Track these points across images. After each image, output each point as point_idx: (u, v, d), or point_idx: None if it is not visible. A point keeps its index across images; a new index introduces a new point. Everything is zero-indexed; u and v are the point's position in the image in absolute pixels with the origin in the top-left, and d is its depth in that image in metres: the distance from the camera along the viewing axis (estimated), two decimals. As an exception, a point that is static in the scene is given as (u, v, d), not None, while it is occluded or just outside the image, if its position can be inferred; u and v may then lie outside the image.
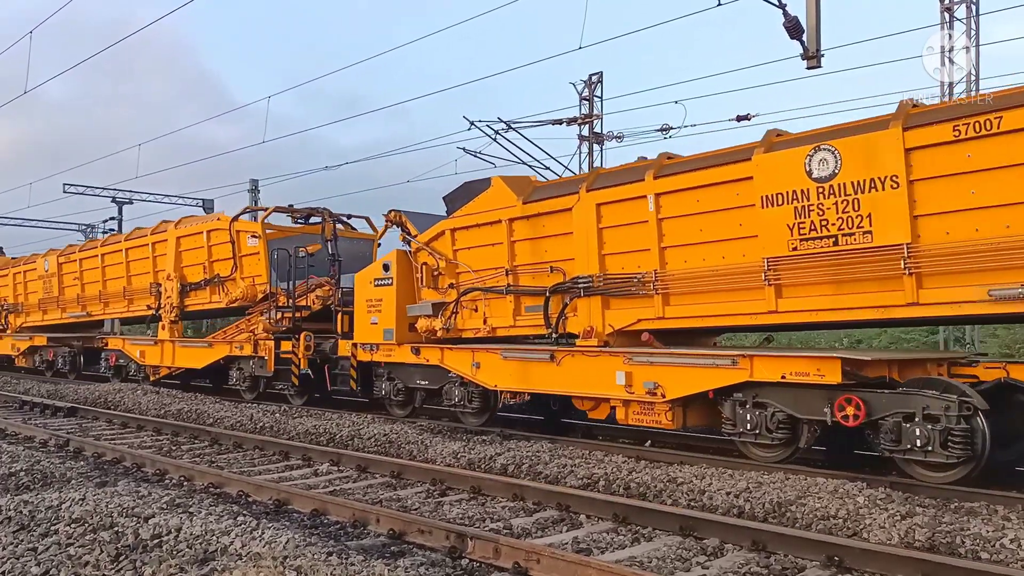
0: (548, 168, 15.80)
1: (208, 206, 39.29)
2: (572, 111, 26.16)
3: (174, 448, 11.02)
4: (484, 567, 5.56)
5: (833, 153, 8.52)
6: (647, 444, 10.51)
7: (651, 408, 9.78)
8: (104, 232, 41.73)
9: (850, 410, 8.09)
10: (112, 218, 40.79)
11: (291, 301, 15.19)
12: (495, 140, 15.24)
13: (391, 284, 13.09)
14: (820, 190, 8.58)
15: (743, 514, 6.89)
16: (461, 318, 12.35)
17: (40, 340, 23.54)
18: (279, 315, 15.34)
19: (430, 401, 13.20)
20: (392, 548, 5.98)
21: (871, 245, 8.32)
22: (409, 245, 12.99)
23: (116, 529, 5.76)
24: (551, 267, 11.12)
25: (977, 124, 7.65)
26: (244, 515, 6.26)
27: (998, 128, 7.54)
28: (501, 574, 5.42)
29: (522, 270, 11.56)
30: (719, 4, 12.05)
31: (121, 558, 5.18)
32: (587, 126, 26.25)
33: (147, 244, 19.34)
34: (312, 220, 16.41)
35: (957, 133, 7.76)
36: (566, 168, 19.96)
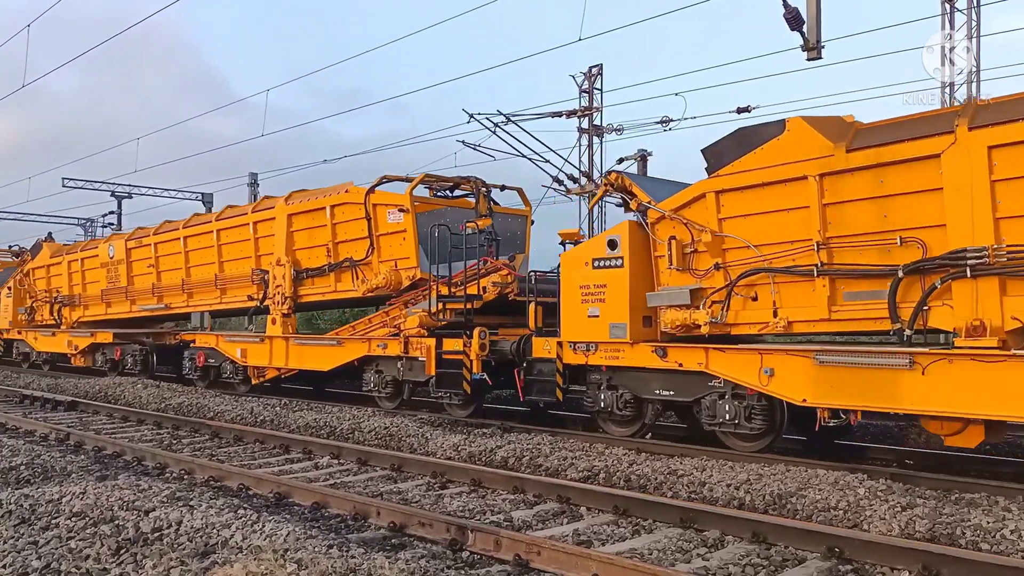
0: (548, 161, 15.80)
1: (208, 200, 39.26)
2: (572, 103, 26.14)
3: (174, 442, 11.03)
4: (485, 559, 5.56)
5: None
6: (647, 437, 10.49)
7: None
8: (104, 227, 41.70)
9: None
10: (111, 212, 40.78)
11: (459, 289, 11.99)
12: (494, 133, 15.24)
13: (621, 266, 10.09)
14: None
15: (744, 506, 6.90)
16: (734, 309, 9.40)
17: (104, 336, 20.24)
18: (439, 306, 12.16)
19: (666, 417, 11.17)
20: (393, 541, 5.98)
21: None
22: (645, 216, 10.07)
23: (117, 522, 5.77)
24: (900, 238, 8.10)
25: None
26: (245, 508, 6.26)
27: None
28: (502, 566, 5.42)
29: (841, 243, 8.51)
30: (719, -5, 12.02)
31: (122, 551, 5.19)
32: (587, 118, 26.20)
33: (247, 224, 16.13)
34: (457, 193, 13.87)
35: None
36: (566, 160, 19.95)
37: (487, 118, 15.45)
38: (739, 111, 21.04)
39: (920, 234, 8.05)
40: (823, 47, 10.80)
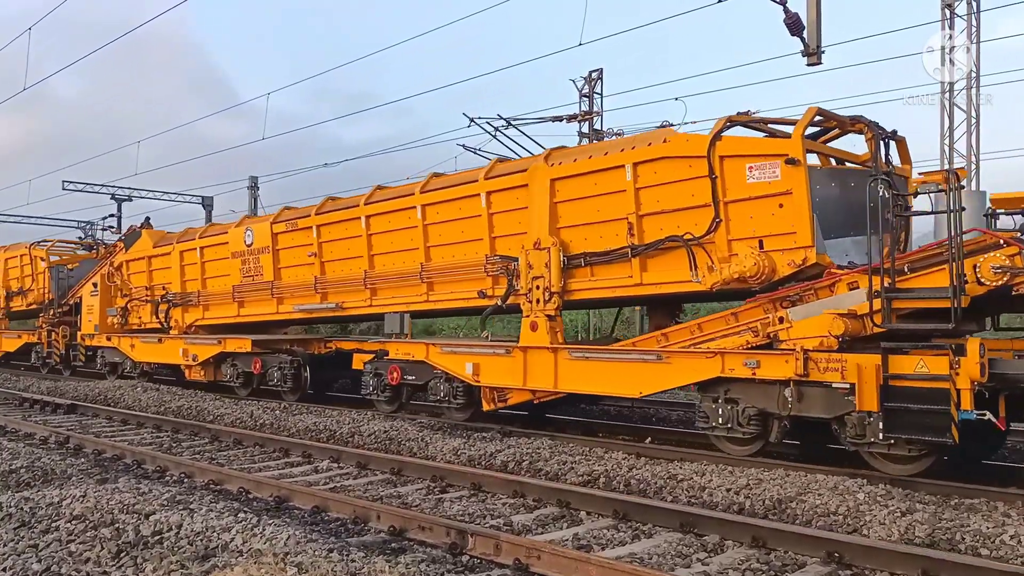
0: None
1: (208, 203, 39.28)
2: (572, 108, 26.17)
3: (174, 445, 11.03)
4: (485, 563, 5.57)
5: None
6: (647, 441, 10.50)
7: None
8: (104, 230, 41.67)
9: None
10: (112, 215, 40.76)
11: (912, 278, 7.92)
12: (495, 137, 15.23)
13: None
14: None
15: (743, 510, 6.90)
16: None
17: (237, 344, 15.98)
18: (881, 303, 7.85)
19: None
20: (393, 544, 5.98)
21: None
22: None
23: (117, 526, 5.77)
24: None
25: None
26: (245, 512, 6.27)
27: None
28: (502, 570, 5.42)
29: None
30: (719, 1, 12.06)
31: (122, 555, 5.19)
32: (587, 123, 26.24)
33: (474, 196, 11.91)
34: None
35: None
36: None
37: (488, 122, 15.46)
38: (739, 115, 21.01)
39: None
40: (823, 52, 10.82)
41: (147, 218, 21.41)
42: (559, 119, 24.87)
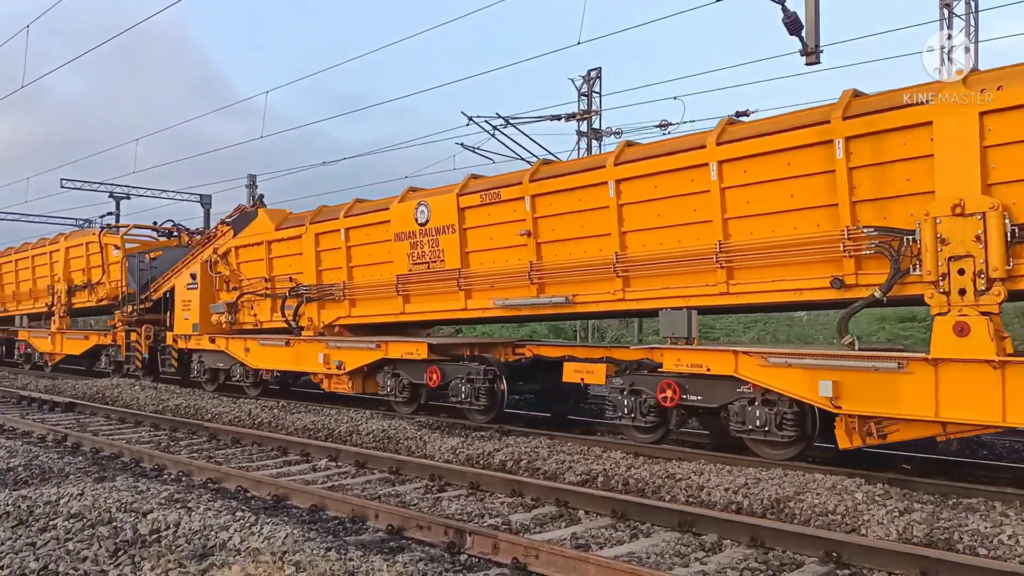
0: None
1: (206, 201, 39.23)
2: (571, 107, 26.17)
3: (172, 443, 11.02)
4: (483, 562, 5.56)
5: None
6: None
7: None
8: (103, 228, 41.60)
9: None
10: (110, 213, 40.72)
11: None
12: (493, 136, 15.23)
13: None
14: None
15: (741, 510, 6.90)
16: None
17: (408, 349, 12.57)
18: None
19: None
20: (391, 543, 5.98)
21: None
22: None
23: (114, 524, 5.77)
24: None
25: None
26: (243, 510, 6.27)
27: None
28: (500, 570, 5.42)
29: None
30: (717, 0, 12.05)
31: (120, 553, 5.18)
32: (586, 122, 26.24)
33: (822, 143, 8.45)
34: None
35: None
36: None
37: (486, 121, 15.46)
38: (738, 115, 21.03)
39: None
40: (822, 51, 10.81)
41: (261, 195, 17.95)
42: (557, 118, 24.87)
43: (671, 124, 23.17)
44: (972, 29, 19.32)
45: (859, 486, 7.13)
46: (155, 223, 21.62)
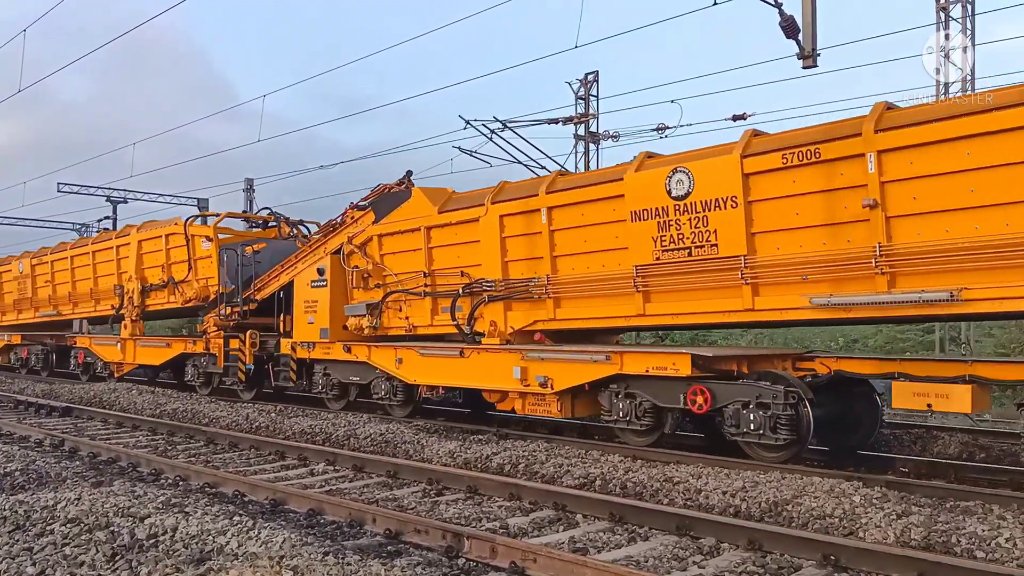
0: (544, 168, 15.73)
1: (203, 205, 39.23)
2: (568, 110, 26.18)
3: (170, 448, 11.00)
4: (481, 566, 5.56)
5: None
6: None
7: None
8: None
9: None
10: (107, 217, 40.72)
11: None
12: (491, 139, 15.23)
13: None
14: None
15: (739, 513, 6.90)
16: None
17: (655, 363, 9.70)
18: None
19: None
20: (388, 548, 5.97)
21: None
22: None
23: (112, 529, 5.76)
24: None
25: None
26: (240, 515, 6.26)
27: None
28: (498, 573, 5.42)
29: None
30: (715, 3, 12.08)
31: (117, 558, 5.18)
32: (583, 125, 26.26)
33: None
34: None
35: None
36: (562, 167, 20.08)
37: (484, 124, 15.46)
38: (735, 119, 21.10)
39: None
40: (819, 55, 10.81)
41: (409, 172, 14.28)
42: (555, 121, 24.86)
43: (668, 127, 23.22)
44: (969, 32, 19.37)
45: (857, 489, 7.13)
46: (245, 211, 19.13)
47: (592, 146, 26.32)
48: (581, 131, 26.33)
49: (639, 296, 10.14)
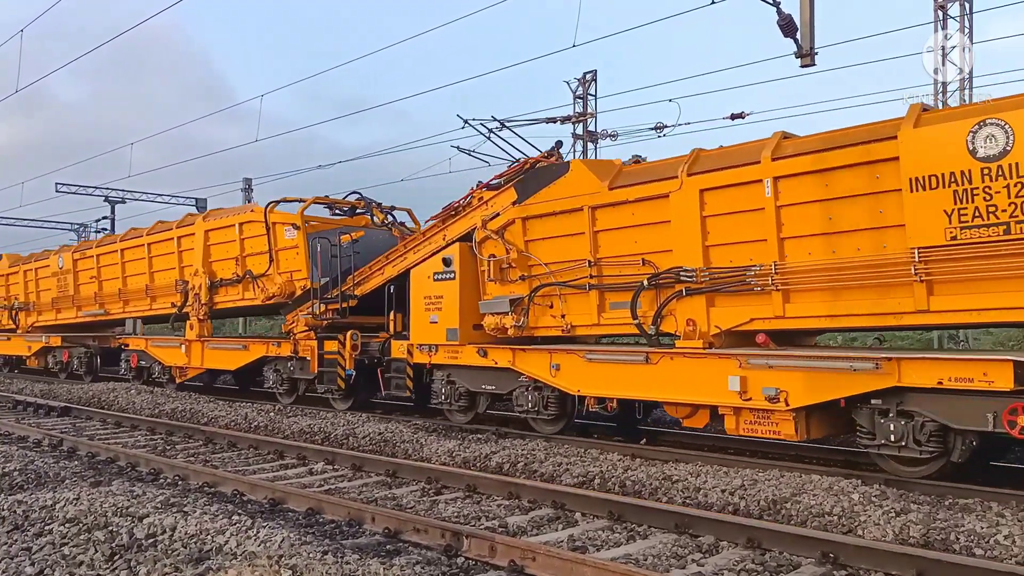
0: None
1: (202, 205, 39.24)
2: (566, 109, 26.23)
3: (168, 447, 11.00)
4: (480, 565, 5.56)
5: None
6: (642, 442, 10.50)
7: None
8: (97, 232, 41.57)
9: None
10: (105, 217, 40.75)
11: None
12: (488, 139, 15.21)
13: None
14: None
15: (738, 511, 6.90)
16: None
17: (981, 372, 7.36)
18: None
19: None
20: (388, 547, 5.97)
21: None
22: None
23: (110, 529, 5.75)
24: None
25: None
26: (239, 514, 6.25)
27: None
28: (497, 572, 5.41)
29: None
30: (712, 2, 12.08)
31: (116, 558, 5.17)
32: (581, 124, 26.29)
33: None
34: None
35: None
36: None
37: (482, 124, 15.44)
38: (732, 117, 21.15)
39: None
40: (816, 53, 10.82)
41: (559, 142, 12.61)
42: (553, 120, 24.91)
43: (667, 126, 23.25)
44: (967, 31, 19.38)
45: (856, 487, 7.14)
46: (326, 196, 16.03)
47: (590, 145, 26.35)
48: (579, 130, 26.36)
49: (920, 287, 7.93)
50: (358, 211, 15.87)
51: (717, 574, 5.37)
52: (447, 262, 12.01)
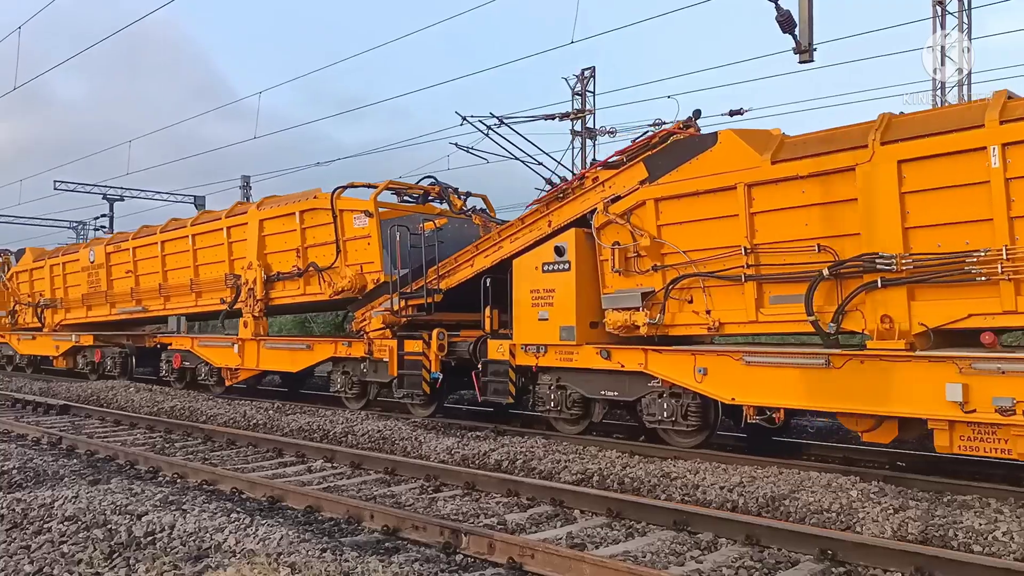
0: (541, 164, 15.59)
1: (200, 203, 39.24)
2: (565, 106, 26.22)
3: (167, 445, 10.99)
4: (478, 563, 5.56)
5: None
6: (641, 439, 10.49)
7: None
8: (96, 230, 41.59)
9: None
10: (104, 215, 40.73)
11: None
12: (487, 136, 15.19)
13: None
14: None
15: (737, 508, 6.91)
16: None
17: None
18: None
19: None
20: (386, 544, 5.98)
21: None
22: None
23: (109, 527, 5.75)
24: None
25: None
26: (238, 512, 6.25)
27: None
28: (495, 570, 5.42)
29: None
30: (711, -2, 12.05)
31: (114, 556, 5.17)
32: (579, 121, 26.28)
33: None
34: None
35: None
36: (559, 163, 19.96)
37: (480, 121, 15.40)
38: (731, 114, 21.10)
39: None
40: (815, 50, 10.81)
41: (696, 111, 11.16)
42: (551, 117, 24.92)
43: (665, 123, 23.21)
44: (965, 27, 19.36)
45: (854, 484, 7.15)
46: (398, 179, 14.47)
47: (589, 142, 26.33)
48: (578, 127, 26.34)
49: None
50: (430, 198, 14.55)
51: (716, 571, 5.37)
52: (560, 251, 10.50)
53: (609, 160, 10.61)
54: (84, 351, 20.91)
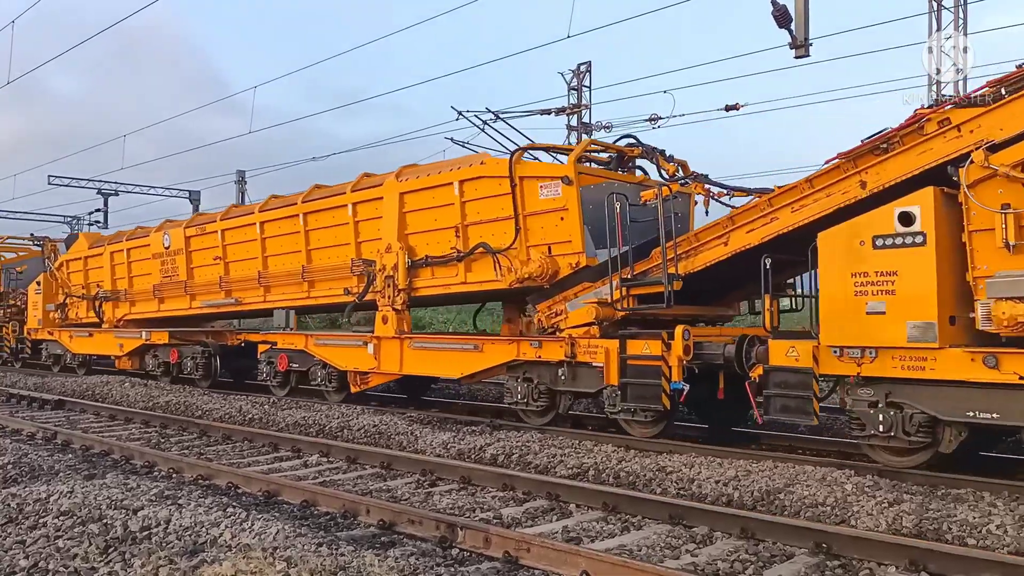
0: (537, 159, 15.55)
1: (195, 197, 39.17)
2: (560, 101, 26.22)
3: (163, 440, 10.99)
4: (474, 557, 5.57)
5: None
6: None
7: None
8: (90, 224, 41.46)
9: None
10: (98, 210, 40.60)
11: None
12: (483, 130, 15.16)
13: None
14: None
15: (732, 502, 6.92)
16: None
17: None
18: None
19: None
20: (382, 538, 5.98)
21: None
22: None
23: (105, 521, 5.75)
24: None
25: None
26: (234, 507, 6.25)
27: None
28: (491, 563, 5.42)
29: None
30: (708, -7, 12.03)
31: (110, 550, 5.17)
32: (575, 116, 26.26)
33: None
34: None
35: None
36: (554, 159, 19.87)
37: (476, 115, 15.38)
38: (727, 109, 21.14)
39: None
40: (811, 44, 10.84)
41: None
42: (547, 112, 24.92)
43: (661, 118, 23.21)
44: (961, 22, 19.39)
45: (849, 477, 7.17)
46: (588, 139, 12.67)
47: (585, 136, 26.31)
48: (574, 121, 26.33)
49: None
50: (629, 162, 11.99)
51: (711, 564, 5.38)
52: (908, 218, 7.69)
53: (971, 95, 7.94)
54: (156, 350, 17.90)
